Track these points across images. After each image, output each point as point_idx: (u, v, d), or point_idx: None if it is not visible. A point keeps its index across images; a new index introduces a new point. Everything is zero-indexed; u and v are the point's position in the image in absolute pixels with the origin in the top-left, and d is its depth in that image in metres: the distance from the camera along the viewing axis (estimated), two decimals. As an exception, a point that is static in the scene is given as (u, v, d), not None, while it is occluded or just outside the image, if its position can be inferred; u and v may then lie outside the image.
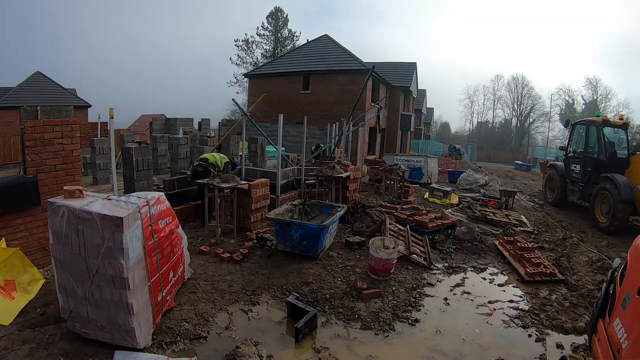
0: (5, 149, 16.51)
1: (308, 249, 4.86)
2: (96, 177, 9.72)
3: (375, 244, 4.61)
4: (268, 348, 3.05)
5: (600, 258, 5.63)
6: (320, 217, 5.83)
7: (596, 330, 2.41)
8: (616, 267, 2.55)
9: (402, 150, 24.53)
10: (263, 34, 42.41)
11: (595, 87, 46.00)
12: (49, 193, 3.95)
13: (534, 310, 3.98)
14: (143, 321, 2.88)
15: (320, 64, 18.81)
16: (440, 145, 32.74)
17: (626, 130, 8.61)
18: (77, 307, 2.85)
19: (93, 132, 15.38)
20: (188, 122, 16.93)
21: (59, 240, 2.79)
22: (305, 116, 9.29)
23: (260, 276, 4.38)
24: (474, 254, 5.73)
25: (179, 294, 3.73)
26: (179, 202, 6.32)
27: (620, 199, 7.13)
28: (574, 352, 3.28)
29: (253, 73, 21.95)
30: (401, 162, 11.69)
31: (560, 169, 10.22)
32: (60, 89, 22.99)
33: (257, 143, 11.58)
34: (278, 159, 7.36)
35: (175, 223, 3.56)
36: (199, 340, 3.12)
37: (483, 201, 9.42)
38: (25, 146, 3.91)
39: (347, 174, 7.46)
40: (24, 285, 3.52)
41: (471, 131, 57.80)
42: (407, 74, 23.48)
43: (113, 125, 5.33)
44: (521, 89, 51.87)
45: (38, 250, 4.05)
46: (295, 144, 15.98)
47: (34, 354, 2.73)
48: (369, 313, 3.72)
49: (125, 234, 2.65)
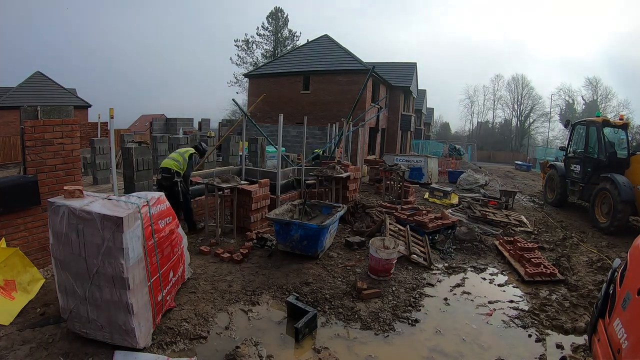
0: (5, 149, 16.52)
1: (308, 249, 4.86)
2: (96, 177, 9.71)
3: (375, 244, 4.61)
4: (268, 348, 3.05)
5: (600, 258, 5.63)
6: (320, 217, 5.83)
7: (596, 331, 2.41)
8: (616, 267, 2.54)
9: (402, 150, 24.53)
10: (263, 34, 42.45)
11: (596, 88, 46.07)
12: (49, 193, 3.95)
13: (534, 311, 3.98)
14: (143, 321, 2.88)
15: (320, 64, 18.81)
16: (440, 145, 32.75)
17: (626, 131, 8.60)
18: (77, 307, 2.85)
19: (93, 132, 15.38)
20: (188, 122, 16.92)
21: (59, 240, 2.79)
22: (305, 116, 9.29)
23: (260, 276, 4.38)
24: (474, 254, 5.73)
25: (179, 294, 3.73)
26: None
27: (620, 199, 7.13)
28: (574, 353, 3.28)
29: (253, 73, 21.96)
30: (401, 162, 11.69)
31: (560, 169, 10.21)
32: (60, 89, 22.99)
33: (257, 143, 11.56)
34: (278, 159, 7.36)
35: (175, 223, 3.56)
36: (199, 340, 3.12)
37: (483, 201, 9.42)
38: (25, 146, 3.91)
39: (347, 174, 7.46)
40: (24, 285, 3.52)
41: (471, 131, 57.84)
42: (407, 74, 23.49)
43: (113, 125, 5.33)
44: (521, 89, 51.96)
45: (38, 250, 4.05)
46: (295, 144, 15.97)
47: (34, 354, 2.73)
48: (369, 313, 3.72)
49: (125, 234, 2.65)
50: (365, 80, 12.10)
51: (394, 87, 21.93)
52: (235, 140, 12.01)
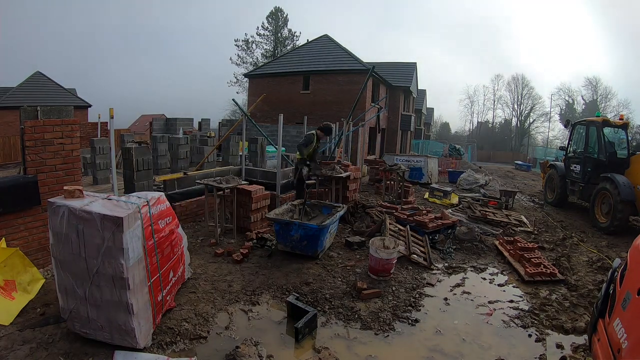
0: (5, 149, 16.53)
1: (308, 249, 4.86)
2: (96, 177, 9.72)
3: (375, 244, 4.60)
4: (268, 348, 3.05)
5: (600, 258, 5.63)
6: (320, 217, 5.83)
7: (596, 331, 2.41)
8: (616, 267, 2.55)
9: (402, 150, 24.53)
10: (263, 34, 42.47)
11: (595, 87, 46.07)
12: (49, 193, 3.94)
13: (534, 310, 3.98)
14: (143, 321, 2.88)
15: (320, 64, 18.81)
16: (440, 145, 32.75)
17: (626, 131, 8.60)
18: (77, 307, 2.85)
19: (93, 132, 15.40)
20: (188, 122, 16.94)
21: (59, 240, 2.79)
22: (305, 116, 9.32)
23: (260, 276, 4.38)
24: (474, 254, 5.73)
25: (179, 294, 3.73)
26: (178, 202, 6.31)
27: (620, 199, 7.13)
28: (574, 352, 3.28)
29: (253, 73, 21.96)
30: (401, 162, 11.69)
31: (560, 169, 10.21)
32: (60, 89, 23.00)
33: (257, 143, 11.58)
34: (278, 159, 7.36)
35: (175, 223, 3.56)
36: (199, 340, 3.12)
37: (483, 201, 9.42)
38: (25, 146, 3.90)
39: (347, 174, 7.46)
40: (24, 285, 3.52)
41: (471, 131, 57.86)
42: (407, 74, 23.49)
43: (113, 125, 5.34)
44: (521, 89, 51.98)
45: (38, 250, 4.05)
46: (295, 144, 15.92)
47: (34, 354, 2.73)
48: (369, 313, 3.72)
49: (125, 234, 2.65)
50: (365, 80, 12.07)
51: (394, 87, 21.92)
52: (235, 140, 12.03)
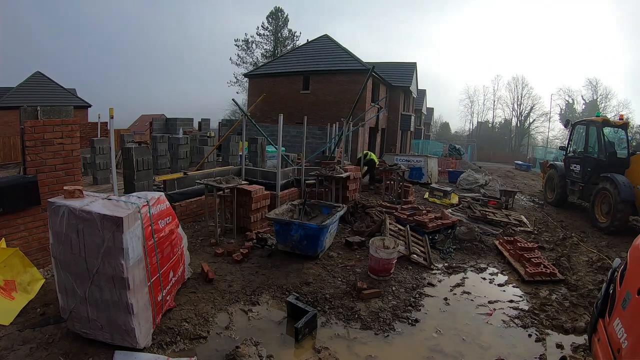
0: (5, 149, 16.51)
1: (308, 249, 4.86)
2: (96, 177, 9.72)
3: (375, 244, 4.61)
4: (268, 348, 3.05)
5: (600, 258, 5.63)
6: (320, 217, 5.83)
7: (596, 330, 2.41)
8: (616, 267, 2.54)
9: (402, 150, 24.53)
10: (263, 34, 42.43)
11: (595, 87, 46.10)
12: (49, 193, 3.94)
13: (534, 310, 3.98)
14: (143, 321, 2.88)
15: (320, 64, 18.80)
16: (440, 145, 32.75)
17: (626, 130, 8.61)
18: (77, 307, 2.84)
19: (93, 132, 15.38)
20: (188, 122, 16.91)
21: (59, 240, 2.79)
22: (305, 116, 9.29)
23: (260, 276, 4.38)
24: (474, 254, 5.73)
25: (179, 294, 3.73)
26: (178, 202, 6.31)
27: (620, 199, 7.13)
28: (574, 352, 3.28)
29: (253, 73, 21.95)
30: (401, 162, 11.69)
31: (560, 169, 10.22)
32: (60, 89, 22.99)
33: (257, 143, 11.58)
34: (278, 159, 7.36)
35: (175, 223, 3.56)
36: (199, 340, 3.12)
37: (483, 201, 9.42)
38: (25, 146, 3.90)
39: (347, 174, 7.47)
40: (24, 285, 3.52)
41: (471, 131, 57.84)
42: (407, 74, 23.47)
43: (113, 125, 5.32)
44: (521, 89, 52.01)
45: (38, 250, 4.05)
46: (295, 144, 15.97)
47: (34, 354, 2.73)
48: (369, 313, 3.72)
49: (125, 234, 2.65)
50: (365, 80, 12.10)
51: (393, 87, 21.92)
52: (235, 140, 12.02)
